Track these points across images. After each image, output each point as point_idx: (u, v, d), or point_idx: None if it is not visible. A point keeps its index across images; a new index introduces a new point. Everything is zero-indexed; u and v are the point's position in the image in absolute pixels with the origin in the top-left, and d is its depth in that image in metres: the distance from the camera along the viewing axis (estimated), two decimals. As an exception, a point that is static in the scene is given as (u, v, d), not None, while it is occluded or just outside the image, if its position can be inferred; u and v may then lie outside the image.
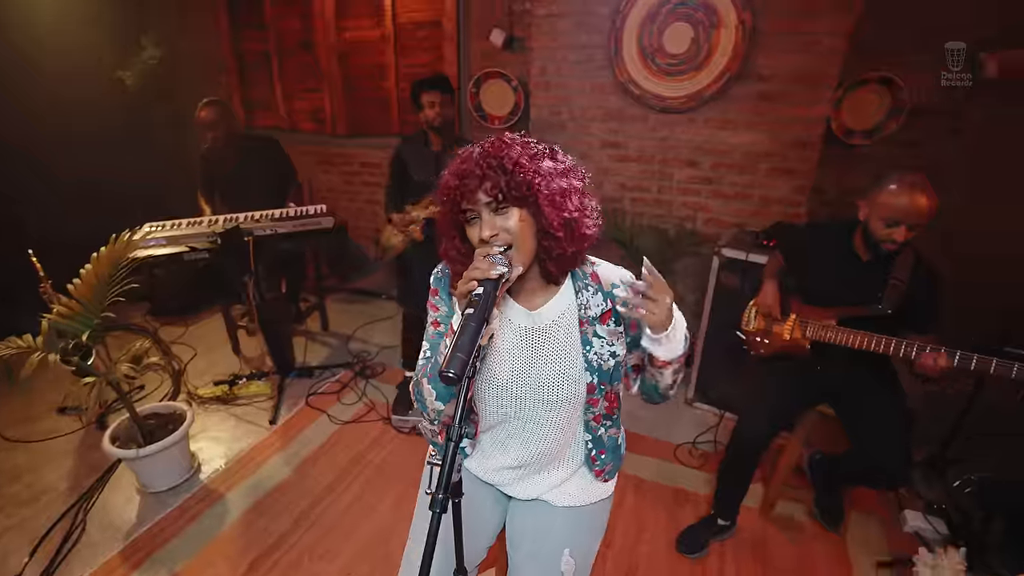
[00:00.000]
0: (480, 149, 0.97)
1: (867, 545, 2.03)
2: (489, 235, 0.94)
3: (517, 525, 1.18)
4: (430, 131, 2.60)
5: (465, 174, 0.94)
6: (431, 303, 1.16)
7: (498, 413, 1.12)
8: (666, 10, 2.54)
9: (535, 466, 1.15)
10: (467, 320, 0.80)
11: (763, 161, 2.69)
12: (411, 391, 1.15)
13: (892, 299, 1.72)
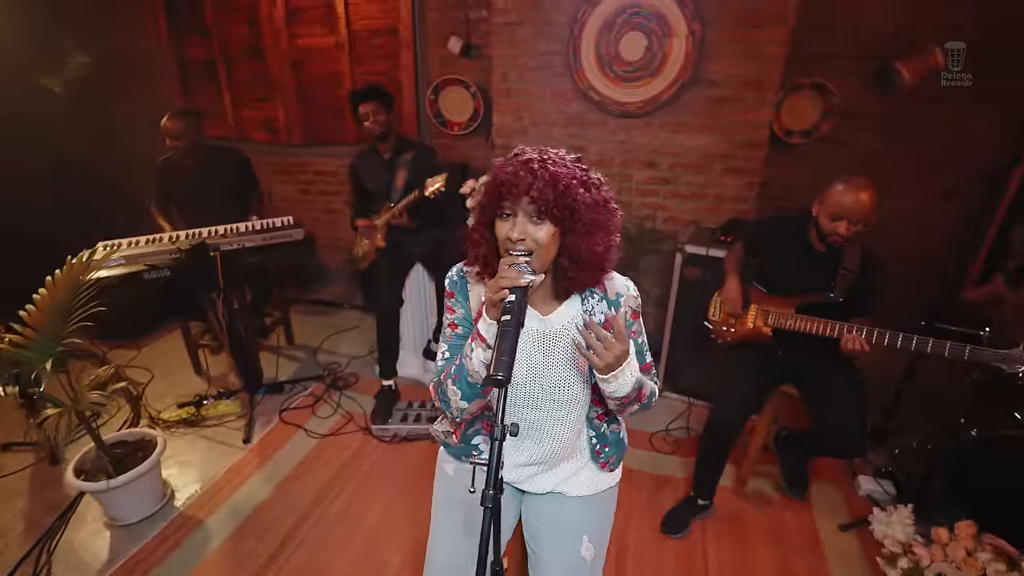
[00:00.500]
0: (539, 159, 1.01)
1: (829, 510, 2.22)
2: (517, 238, 0.99)
3: (534, 517, 1.23)
4: (375, 141, 2.64)
5: (518, 176, 0.98)
6: (447, 305, 1.19)
7: (513, 413, 1.17)
8: (621, 20, 2.67)
9: (549, 462, 1.21)
10: (506, 326, 0.85)
11: (716, 161, 2.86)
12: (432, 392, 1.18)
13: (843, 288, 1.90)
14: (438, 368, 1.17)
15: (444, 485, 1.29)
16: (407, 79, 3.40)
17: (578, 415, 1.17)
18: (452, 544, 1.17)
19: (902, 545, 1.92)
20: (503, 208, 1.01)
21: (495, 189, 1.01)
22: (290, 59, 3.53)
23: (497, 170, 1.03)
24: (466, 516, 1.21)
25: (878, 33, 2.80)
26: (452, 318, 1.18)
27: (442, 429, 1.35)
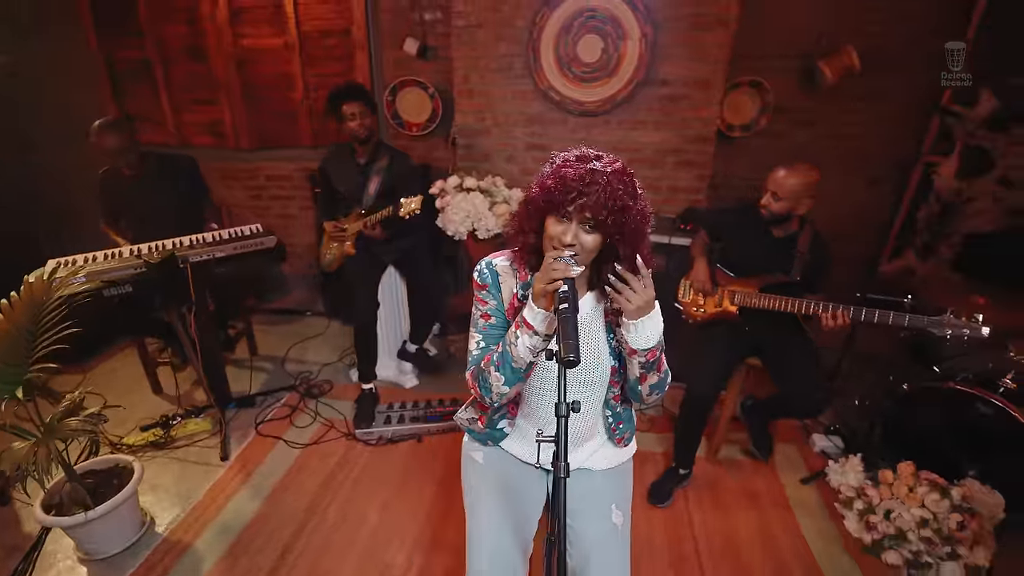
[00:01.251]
0: (603, 170, 1.04)
1: (790, 468, 2.47)
2: (569, 243, 1.06)
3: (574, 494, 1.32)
4: (355, 143, 2.60)
5: (583, 187, 1.03)
6: (478, 297, 1.25)
7: (542, 395, 1.26)
8: (578, 23, 2.79)
9: (576, 442, 1.30)
10: (565, 313, 0.93)
11: (670, 156, 3.06)
12: (470, 380, 1.24)
13: (798, 267, 2.13)
14: (474, 356, 1.23)
15: (476, 474, 1.35)
16: (362, 80, 3.36)
17: (599, 396, 1.27)
18: (496, 529, 1.23)
19: (855, 490, 2.17)
20: (559, 210, 1.07)
21: (558, 188, 1.05)
22: (235, 60, 3.39)
23: (565, 170, 1.06)
24: (504, 501, 1.28)
25: (804, 35, 3.10)
26: (484, 309, 1.24)
27: (467, 416, 1.41)
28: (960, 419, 2.13)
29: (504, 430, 1.35)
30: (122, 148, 2.45)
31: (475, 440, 1.40)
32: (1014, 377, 2.10)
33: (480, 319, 1.25)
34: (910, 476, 2.08)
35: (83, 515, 1.86)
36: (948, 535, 1.91)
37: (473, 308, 1.28)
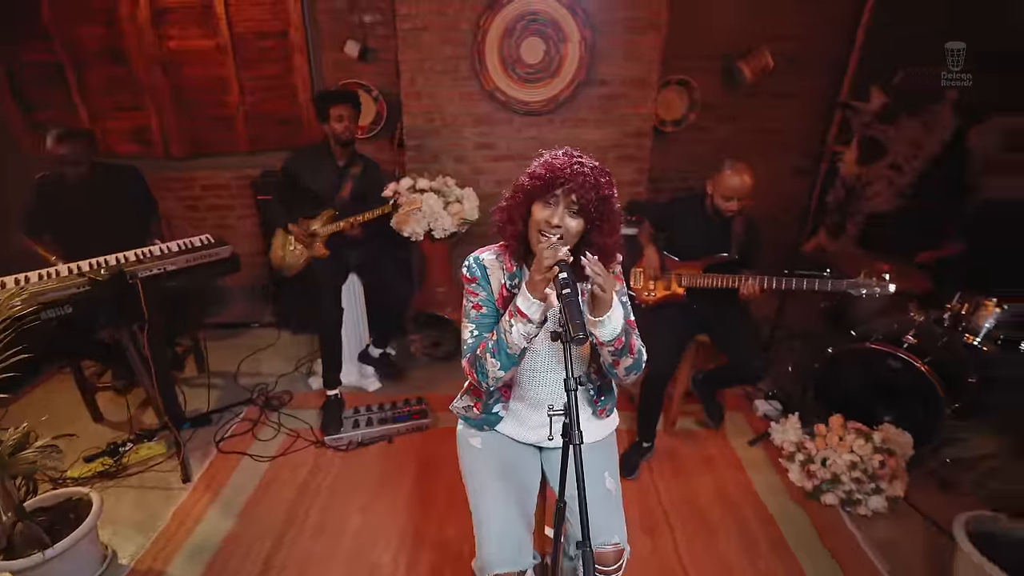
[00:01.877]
0: (588, 163, 1.17)
1: (738, 432, 2.71)
2: (556, 224, 1.17)
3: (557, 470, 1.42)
4: (336, 145, 2.59)
5: (570, 173, 1.14)
6: (469, 290, 1.33)
7: (534, 376, 1.35)
8: (520, 26, 2.89)
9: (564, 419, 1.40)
10: (570, 297, 1.02)
11: (611, 151, 3.24)
12: (466, 367, 1.32)
13: (735, 247, 2.35)
14: (469, 345, 1.31)
15: (476, 459, 1.42)
16: (302, 84, 3.30)
17: (584, 372, 1.38)
18: (502, 509, 1.31)
19: (796, 444, 2.45)
20: (547, 196, 1.17)
21: (547, 175, 1.16)
22: (160, 63, 3.20)
23: (550, 160, 1.18)
24: (505, 481, 1.36)
25: (725, 38, 3.38)
26: (476, 300, 1.32)
27: (462, 405, 1.48)
28: (875, 373, 2.44)
29: (499, 414, 1.43)
30: (78, 158, 2.32)
31: (471, 427, 1.47)
32: (914, 334, 2.43)
33: (472, 310, 1.33)
34: (840, 427, 2.37)
35: (40, 555, 1.74)
36: (872, 473, 2.20)
37: (464, 300, 1.36)
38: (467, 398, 1.47)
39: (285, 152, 3.45)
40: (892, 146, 3.45)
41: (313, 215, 2.66)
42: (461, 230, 2.93)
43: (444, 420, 2.76)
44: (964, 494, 2.27)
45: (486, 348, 1.24)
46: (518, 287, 1.31)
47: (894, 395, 2.41)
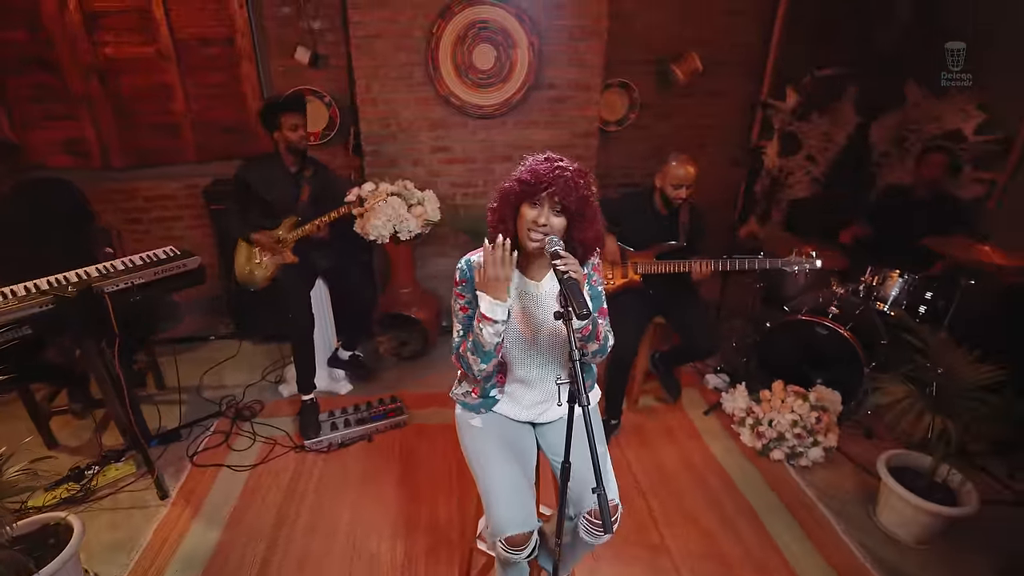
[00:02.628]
0: (567, 167, 1.32)
1: (693, 405, 2.98)
2: (543, 222, 1.31)
3: (552, 440, 1.57)
4: (288, 153, 2.59)
5: (553, 176, 1.28)
6: (457, 292, 1.46)
7: (525, 360, 1.49)
8: (472, 33, 3.01)
9: (551, 399, 1.56)
10: (571, 281, 1.18)
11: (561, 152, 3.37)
12: (455, 362, 1.47)
13: (683, 235, 2.59)
14: (456, 343, 1.47)
15: (479, 438, 1.54)
16: (251, 91, 3.26)
17: (565, 355, 1.53)
18: (507, 478, 1.44)
19: (745, 410, 2.73)
20: (534, 198, 1.31)
21: (532, 180, 1.30)
22: (96, 70, 3.07)
23: (534, 166, 1.33)
24: (508, 453, 1.49)
25: (659, 43, 3.66)
26: (462, 303, 1.46)
27: (461, 391, 1.60)
28: (807, 342, 2.76)
29: (496, 397, 1.56)
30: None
31: (469, 410, 1.59)
32: (836, 305, 2.78)
33: (459, 311, 1.47)
34: (781, 391, 2.67)
35: (24, 583, 1.70)
36: (811, 429, 2.50)
37: (452, 301, 1.49)
38: (465, 384, 1.60)
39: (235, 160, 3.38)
40: (807, 140, 3.86)
41: (275, 224, 2.66)
42: (425, 231, 3.02)
43: (418, 416, 2.85)
44: (884, 439, 2.64)
45: (467, 348, 1.40)
46: None
47: (823, 359, 2.75)
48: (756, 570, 2.02)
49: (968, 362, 2.01)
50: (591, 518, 1.43)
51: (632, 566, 2.04)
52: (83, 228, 2.56)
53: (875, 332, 2.71)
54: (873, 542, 2.14)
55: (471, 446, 1.54)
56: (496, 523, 1.37)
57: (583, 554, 1.63)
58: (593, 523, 1.43)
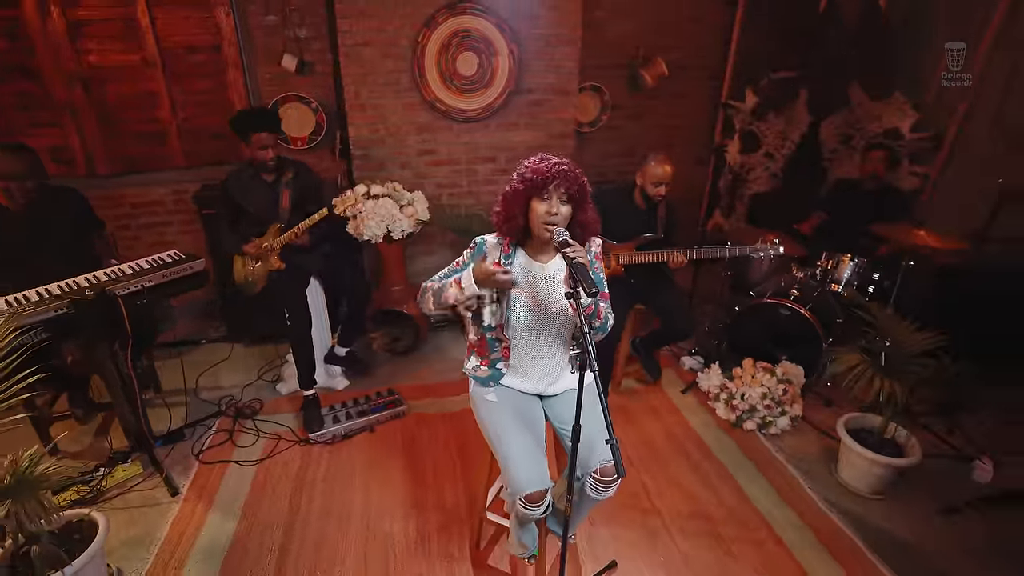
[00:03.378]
0: (566, 164, 1.52)
1: (671, 385, 3.22)
2: (554, 212, 1.50)
3: (559, 410, 1.76)
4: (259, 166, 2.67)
5: (556, 172, 1.48)
6: (464, 255, 1.71)
7: (530, 338, 1.67)
8: (456, 42, 3.17)
9: (557, 372, 1.74)
10: (579, 264, 1.36)
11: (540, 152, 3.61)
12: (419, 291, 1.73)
13: (661, 228, 2.82)
14: (433, 279, 1.72)
15: (494, 410, 1.71)
16: (238, 98, 3.32)
17: (567, 332, 1.72)
18: (523, 443, 1.61)
19: (719, 387, 2.98)
20: (543, 192, 1.50)
21: (539, 177, 1.49)
22: (80, 78, 3.08)
23: (536, 166, 1.52)
24: (521, 422, 1.67)
25: (628, 50, 3.90)
26: (459, 260, 1.73)
27: (471, 366, 1.78)
28: (772, 322, 3.03)
29: (502, 370, 1.74)
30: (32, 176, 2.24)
31: (482, 385, 1.77)
32: (797, 288, 3.06)
33: (454, 264, 1.75)
34: (751, 368, 2.93)
35: (61, 573, 1.77)
36: (778, 400, 2.77)
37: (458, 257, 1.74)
38: (474, 359, 1.77)
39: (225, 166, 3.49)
40: (765, 138, 4.17)
41: (261, 232, 2.74)
42: (416, 230, 3.16)
43: (416, 407, 2.99)
44: (841, 407, 2.93)
45: (434, 288, 1.66)
46: (511, 264, 1.65)
47: (787, 338, 3.02)
48: (737, 525, 2.26)
49: (911, 332, 2.30)
50: (597, 476, 1.62)
51: (627, 528, 2.24)
52: (90, 236, 2.59)
53: (831, 311, 3.00)
54: (835, 496, 2.42)
55: (488, 418, 1.71)
56: (515, 484, 1.55)
57: (588, 510, 1.83)
58: (599, 480, 1.62)
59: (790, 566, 2.08)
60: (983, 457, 2.49)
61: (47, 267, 2.41)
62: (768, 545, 2.18)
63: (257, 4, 3.20)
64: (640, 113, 4.18)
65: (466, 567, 2.09)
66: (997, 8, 2.95)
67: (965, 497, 2.34)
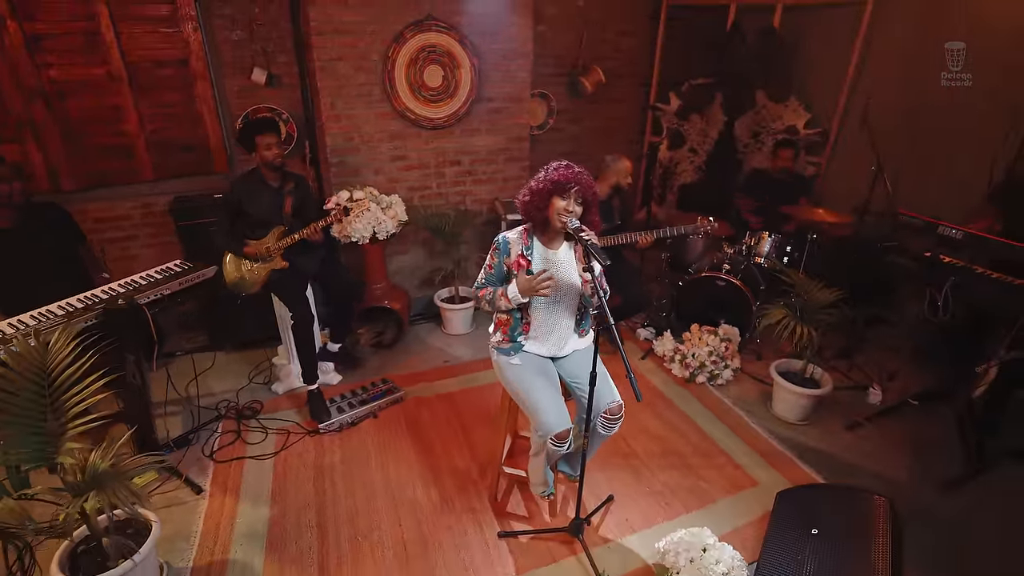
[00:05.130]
0: (582, 172, 1.89)
1: (632, 353, 3.71)
2: (572, 209, 1.87)
3: (569, 368, 2.14)
4: (268, 170, 2.85)
5: (578, 179, 1.86)
6: (491, 256, 2.04)
7: (547, 312, 2.05)
8: (423, 56, 3.45)
9: (567, 337, 2.13)
10: (593, 246, 1.74)
11: (500, 154, 3.98)
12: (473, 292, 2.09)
13: (618, 216, 3.29)
14: (479, 283, 2.08)
15: (519, 371, 2.06)
16: (207, 111, 3.38)
17: (575, 303, 2.11)
18: (549, 394, 1.99)
19: (673, 350, 3.51)
20: (565, 191, 1.87)
21: (564, 181, 1.86)
22: (41, 93, 3.02)
23: (563, 171, 1.88)
24: (544, 378, 2.05)
25: (569, 60, 4.35)
26: (489, 263, 2.05)
27: (496, 339, 2.13)
28: (710, 293, 3.61)
29: (521, 342, 2.10)
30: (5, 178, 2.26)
31: (504, 354, 2.12)
32: (728, 262, 3.65)
33: (487, 268, 2.07)
34: (697, 332, 3.48)
35: (131, 562, 1.91)
36: (722, 356, 3.33)
37: (487, 258, 2.07)
38: (499, 334, 2.13)
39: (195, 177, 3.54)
40: (689, 136, 4.79)
41: (263, 235, 2.91)
42: (398, 230, 3.41)
43: (412, 392, 3.26)
44: (768, 360, 3.56)
45: (484, 296, 2.03)
46: (531, 253, 2.00)
47: (723, 304, 3.61)
48: (701, 457, 2.77)
49: (819, 290, 2.91)
50: (606, 415, 2.04)
51: (616, 470, 2.68)
52: (76, 251, 2.63)
53: (757, 280, 3.63)
54: (772, 425, 3.00)
55: (515, 379, 2.06)
56: (546, 426, 1.93)
57: (598, 447, 2.24)
58: (607, 418, 2.04)
59: (746, 479, 2.62)
60: (873, 384, 3.19)
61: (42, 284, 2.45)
62: (728, 468, 2.70)
63: (224, 19, 3.28)
64: (580, 117, 4.66)
65: (489, 515, 2.43)
66: (861, 27, 3.69)
67: (863, 415, 3.02)
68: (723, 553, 1.87)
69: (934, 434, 2.90)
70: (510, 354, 2.12)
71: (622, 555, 2.25)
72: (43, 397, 1.77)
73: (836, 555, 1.84)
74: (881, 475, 2.64)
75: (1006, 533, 2.34)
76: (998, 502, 2.50)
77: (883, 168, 3.35)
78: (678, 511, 2.45)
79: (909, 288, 3.47)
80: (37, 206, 2.47)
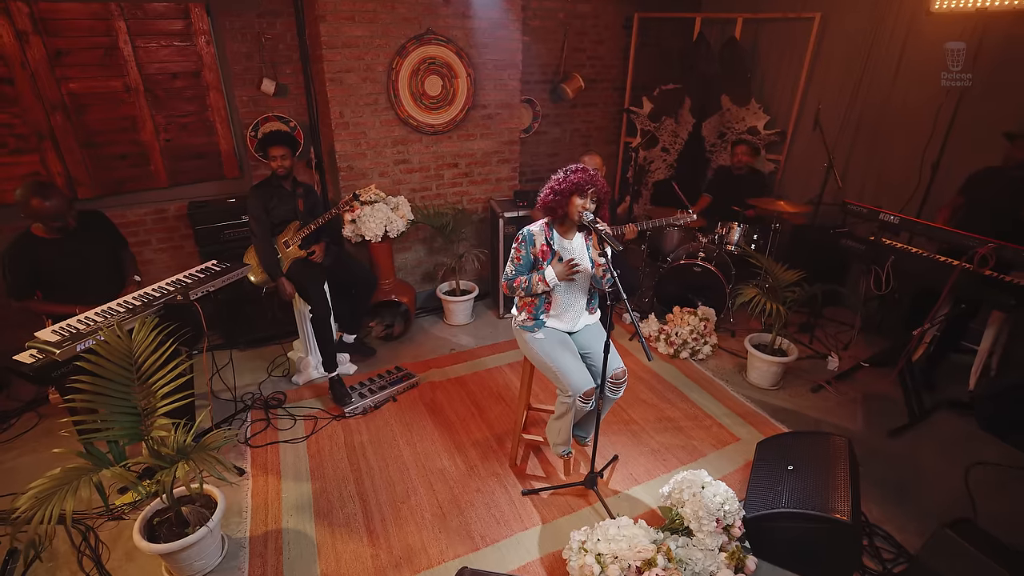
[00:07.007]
0: (596, 174, 2.21)
1: (621, 336, 4.09)
2: (589, 207, 2.20)
3: (583, 341, 2.48)
4: (280, 177, 3.10)
5: (595, 182, 2.18)
6: (517, 248, 2.33)
7: (565, 293, 2.38)
8: (423, 67, 3.72)
9: (580, 314, 2.47)
10: (604, 230, 2.08)
11: (494, 156, 4.29)
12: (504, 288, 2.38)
13: (607, 213, 3.66)
14: (508, 275, 2.37)
15: (544, 344, 2.38)
16: (220, 120, 3.57)
17: (586, 285, 2.45)
18: (572, 359, 2.32)
19: (658, 331, 3.91)
20: (585, 190, 2.19)
21: (583, 182, 2.18)
22: (62, 105, 3.15)
23: (580, 173, 2.20)
24: (566, 347, 2.38)
25: (551, 68, 4.69)
26: (518, 255, 2.34)
27: (521, 318, 2.45)
28: (688, 278, 4.02)
29: (543, 319, 2.43)
30: (60, 210, 2.43)
31: (529, 330, 2.43)
32: (703, 250, 4.07)
33: (514, 259, 2.36)
34: (679, 313, 3.89)
35: (206, 528, 2.14)
36: (702, 333, 3.74)
37: (512, 250, 2.36)
38: (524, 314, 2.44)
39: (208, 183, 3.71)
40: (661, 137, 5.21)
41: (280, 231, 3.18)
42: (407, 229, 3.68)
43: (425, 377, 3.54)
44: (741, 337, 4.00)
45: (519, 284, 2.32)
46: (552, 243, 2.33)
47: (700, 288, 4.03)
48: (690, 420, 3.17)
49: (784, 271, 3.35)
50: (612, 380, 2.39)
51: (617, 434, 3.05)
52: (120, 253, 2.80)
53: (729, 265, 4.06)
54: (748, 392, 3.43)
55: (540, 350, 2.39)
56: (575, 386, 2.27)
57: (607, 409, 2.59)
58: (613, 383, 2.39)
59: (729, 436, 3.03)
60: (831, 353, 3.67)
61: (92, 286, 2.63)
62: (713, 428, 3.11)
63: (234, 33, 3.48)
64: (562, 120, 5.02)
65: (511, 478, 2.75)
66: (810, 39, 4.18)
67: (824, 378, 3.48)
68: (719, 488, 2.25)
69: (883, 391, 3.39)
70: (534, 330, 2.44)
71: (630, 503, 2.61)
72: (132, 381, 1.99)
73: (807, 484, 2.23)
74: (841, 427, 3.10)
75: (938, 466, 2.82)
76: (934, 443, 2.99)
77: (833, 164, 3.84)
78: (674, 465, 2.84)
79: (858, 267, 3.98)
80: (81, 215, 2.64)
